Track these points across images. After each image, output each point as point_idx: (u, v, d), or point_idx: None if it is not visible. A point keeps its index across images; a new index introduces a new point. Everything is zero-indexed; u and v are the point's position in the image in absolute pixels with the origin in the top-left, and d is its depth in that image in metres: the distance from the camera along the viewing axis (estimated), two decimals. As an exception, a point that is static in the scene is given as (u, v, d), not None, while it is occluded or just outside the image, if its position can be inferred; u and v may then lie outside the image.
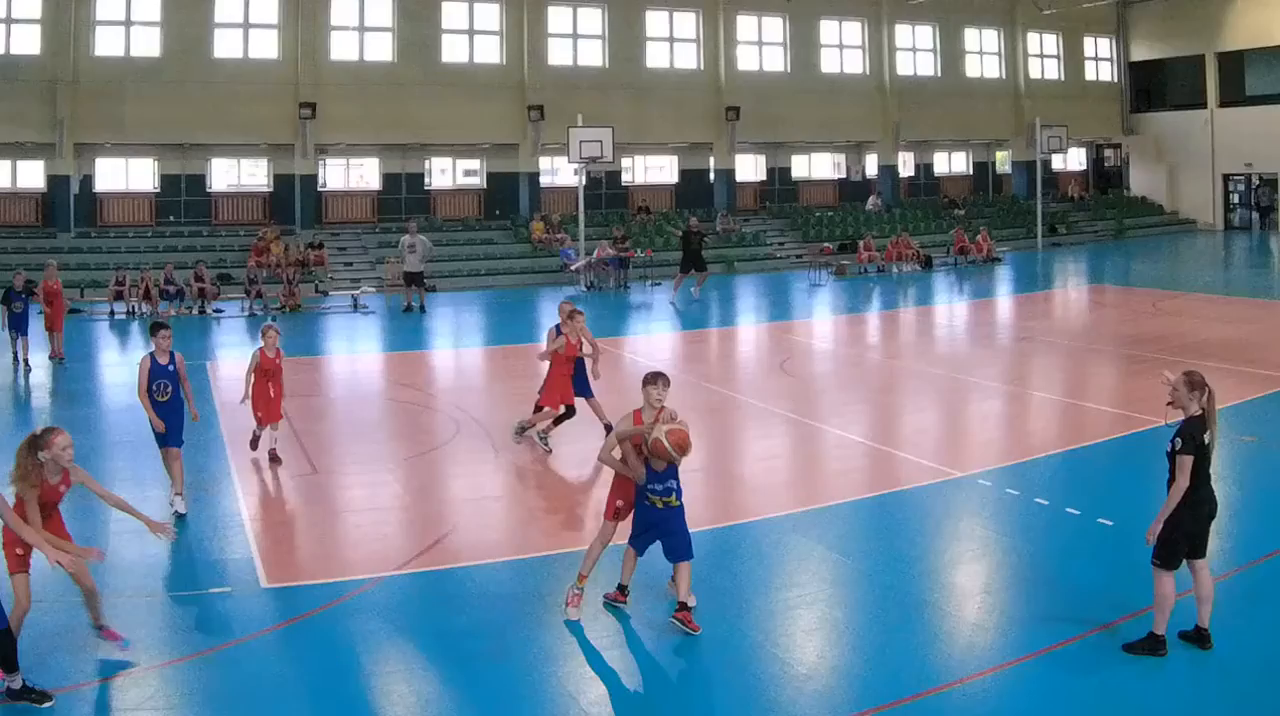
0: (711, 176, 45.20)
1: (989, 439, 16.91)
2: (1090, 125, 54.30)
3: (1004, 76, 51.96)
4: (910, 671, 8.85)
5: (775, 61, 45.69)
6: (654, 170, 46.04)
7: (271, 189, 38.16)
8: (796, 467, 15.56)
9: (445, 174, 41.66)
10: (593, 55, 41.80)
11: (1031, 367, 22.93)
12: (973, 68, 51.27)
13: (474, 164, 41.81)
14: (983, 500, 13.43)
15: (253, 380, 14.41)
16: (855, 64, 47.68)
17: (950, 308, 32.42)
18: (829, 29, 46.90)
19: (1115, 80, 56.66)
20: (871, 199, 47.76)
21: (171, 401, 12.65)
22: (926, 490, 13.82)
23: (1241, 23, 51.37)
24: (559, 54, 41.09)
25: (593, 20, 41.67)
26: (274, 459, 14.37)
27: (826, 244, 41.95)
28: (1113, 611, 9.68)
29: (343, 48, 37.44)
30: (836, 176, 50.36)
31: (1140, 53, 57.02)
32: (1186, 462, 8.39)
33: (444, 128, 38.56)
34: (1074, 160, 57.19)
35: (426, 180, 41.10)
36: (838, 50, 47.28)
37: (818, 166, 49.85)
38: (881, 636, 9.57)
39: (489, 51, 39.92)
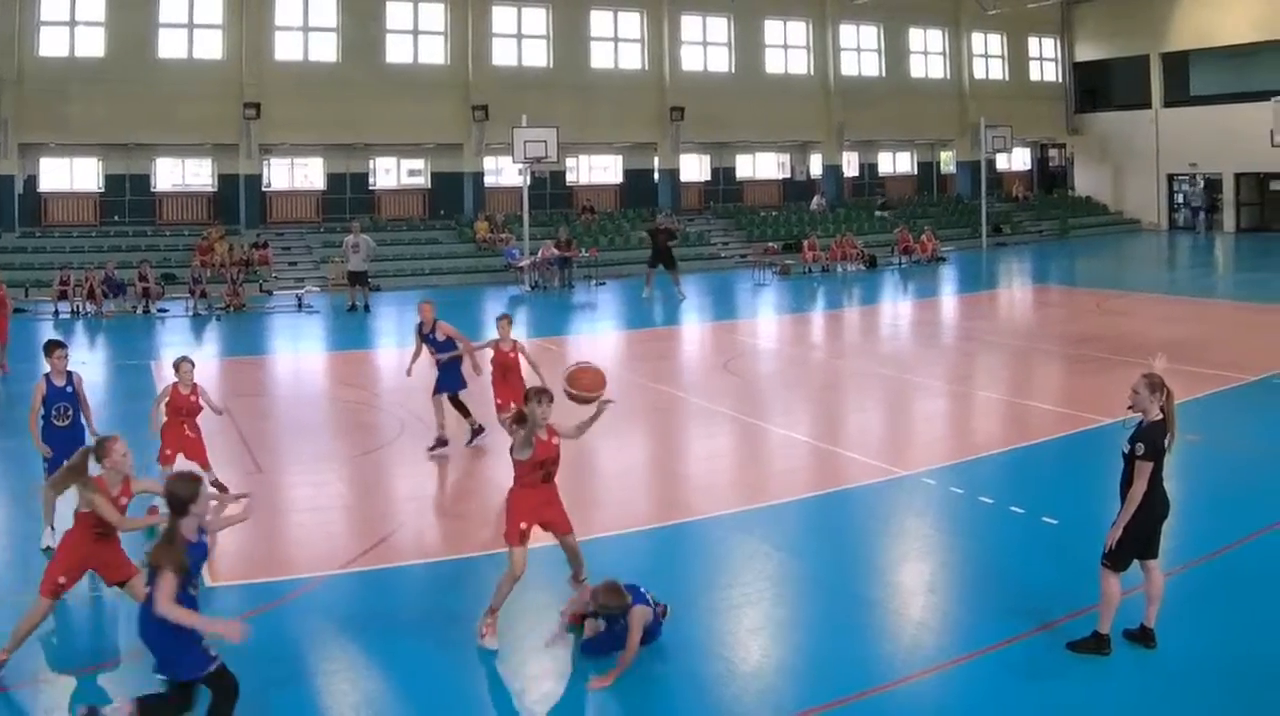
0: (656, 176, 47.40)
1: (933, 438, 17.65)
2: (1035, 125, 57.12)
3: (948, 76, 54.73)
4: (855, 670, 9.26)
5: (720, 61, 48.07)
6: (598, 170, 48.25)
7: (216, 189, 39.96)
8: (741, 466, 16.21)
9: (390, 174, 43.63)
10: (537, 55, 43.89)
11: (976, 367, 23.96)
12: (917, 68, 54.00)
13: (418, 164, 43.77)
14: (927, 499, 14.04)
15: (163, 419, 13.09)
16: (799, 64, 50.18)
17: (894, 307, 33.96)
18: (773, 29, 49.34)
19: (1060, 80, 59.66)
20: (815, 199, 50.19)
21: (72, 426, 11.90)
22: (871, 489, 14.33)
23: (1186, 23, 54.00)
24: (503, 54, 43.15)
25: (537, 20, 43.75)
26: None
27: (771, 244, 43.88)
28: (1057, 610, 10.15)
29: (287, 48, 39.22)
30: (781, 176, 52.89)
31: (1085, 53, 59.82)
32: (1146, 468, 8.60)
33: (388, 127, 40.38)
34: (1019, 160, 60.06)
35: (371, 180, 43.06)
36: (782, 50, 49.72)
37: (762, 166, 52.37)
38: (826, 635, 9.98)
39: (433, 52, 41.86)
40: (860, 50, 52.00)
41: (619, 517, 13.44)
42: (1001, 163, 57.09)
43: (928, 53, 54.39)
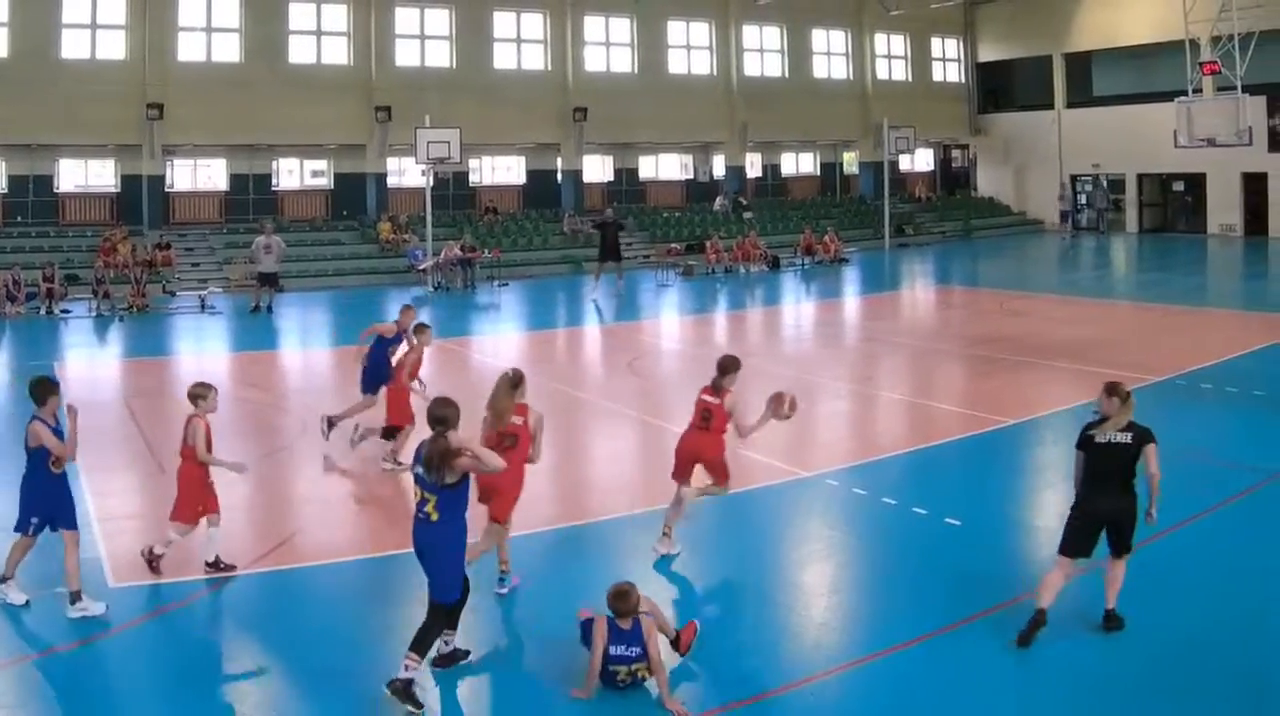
0: (559, 177, 50.49)
1: (836, 438, 18.56)
2: (938, 126, 61.29)
3: (851, 77, 58.74)
4: (756, 670, 9.90)
5: (623, 62, 51.41)
6: (501, 171, 51.32)
7: (119, 189, 42.23)
8: (644, 467, 16.93)
9: (293, 174, 46.30)
10: (440, 56, 46.69)
11: (879, 368, 25.31)
12: (820, 69, 57.91)
13: (321, 165, 46.40)
14: (830, 500, 14.81)
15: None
16: (703, 65, 53.74)
17: (797, 308, 36.05)
18: (676, 30, 52.80)
19: (963, 81, 64.02)
20: (719, 199, 53.61)
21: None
22: (774, 490, 14.95)
23: (1088, 24, 58.07)
24: (406, 55, 45.84)
25: (440, 21, 46.58)
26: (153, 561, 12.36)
27: (674, 244, 46.69)
28: (959, 611, 10.83)
29: (190, 48, 41.56)
30: (684, 177, 56.47)
31: (987, 54, 64.05)
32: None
33: (291, 128, 42.83)
34: (921, 161, 64.10)
35: (274, 181, 45.64)
36: (685, 51, 53.20)
37: (665, 167, 55.87)
38: (729, 635, 10.56)
39: (336, 52, 44.45)
40: (763, 51, 55.63)
41: (522, 519, 13.50)
42: (904, 163, 60.71)
43: (830, 53, 58.22)
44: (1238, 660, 9.74)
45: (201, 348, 29.44)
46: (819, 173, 60.94)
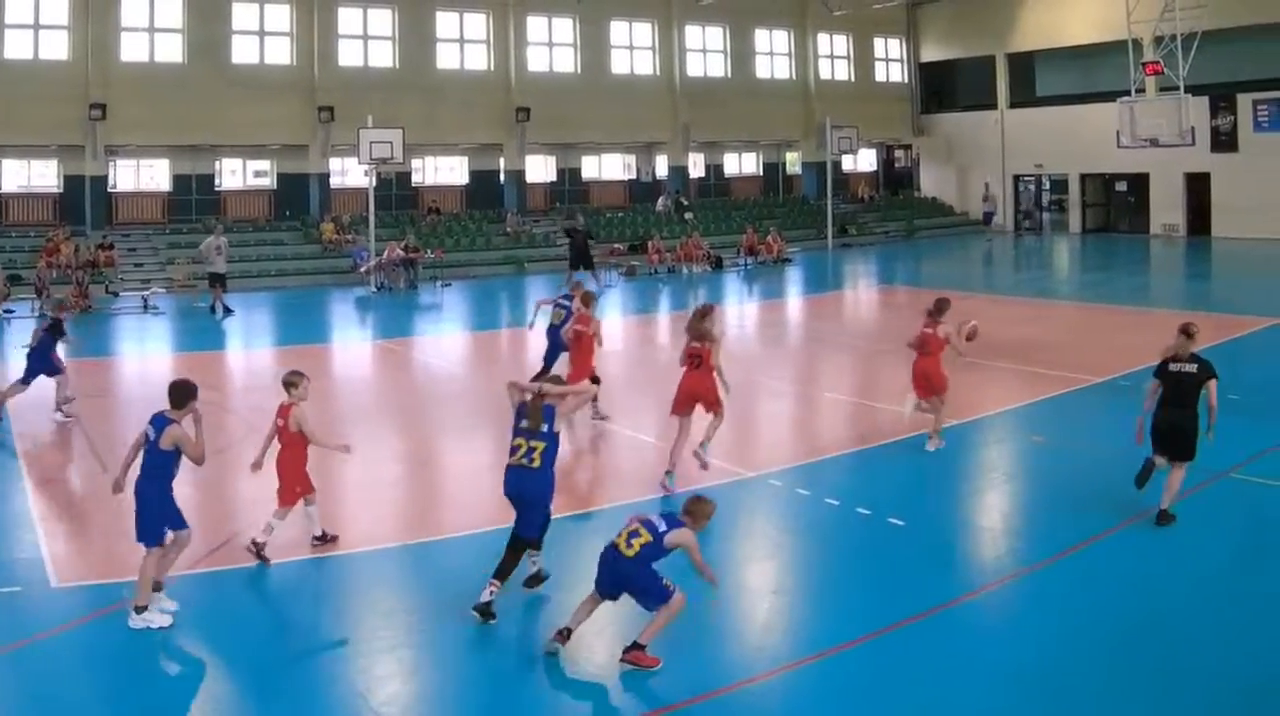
0: (502, 177, 52.39)
1: (779, 439, 19.13)
2: (881, 126, 63.40)
3: (794, 77, 61.05)
4: (700, 671, 10.16)
5: (565, 62, 53.29)
6: (444, 171, 53.20)
7: (62, 190, 43.62)
8: (587, 467, 17.54)
9: (235, 175, 47.95)
10: (383, 56, 48.32)
11: (822, 368, 26.02)
12: (763, 69, 60.12)
13: (264, 165, 48.04)
14: (773, 500, 15.16)
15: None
16: (645, 65, 55.81)
17: (740, 308, 36.97)
18: (619, 30, 54.84)
19: (906, 81, 66.38)
20: (662, 199, 55.54)
21: None
22: (717, 490, 14.47)
23: (1031, 24, 60.22)
24: (349, 55, 47.44)
25: (383, 21, 48.22)
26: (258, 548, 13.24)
27: (617, 244, 48.37)
28: (903, 611, 11.16)
29: (133, 49, 42.96)
30: (627, 177, 58.57)
31: (930, 54, 66.37)
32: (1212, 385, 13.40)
33: (234, 129, 44.30)
34: (864, 161, 66.36)
35: (217, 181, 47.25)
36: (628, 51, 55.24)
37: (608, 167, 57.92)
38: (671, 636, 10.57)
39: (279, 52, 45.96)
40: (706, 51, 57.73)
41: (468, 518, 14.70)
42: (847, 163, 62.84)
43: (773, 54, 60.50)
44: (1177, 656, 10.25)
45: (144, 348, 30.32)
46: (762, 173, 63.13)
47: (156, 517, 11.24)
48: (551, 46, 52.58)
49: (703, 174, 60.15)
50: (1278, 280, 39.85)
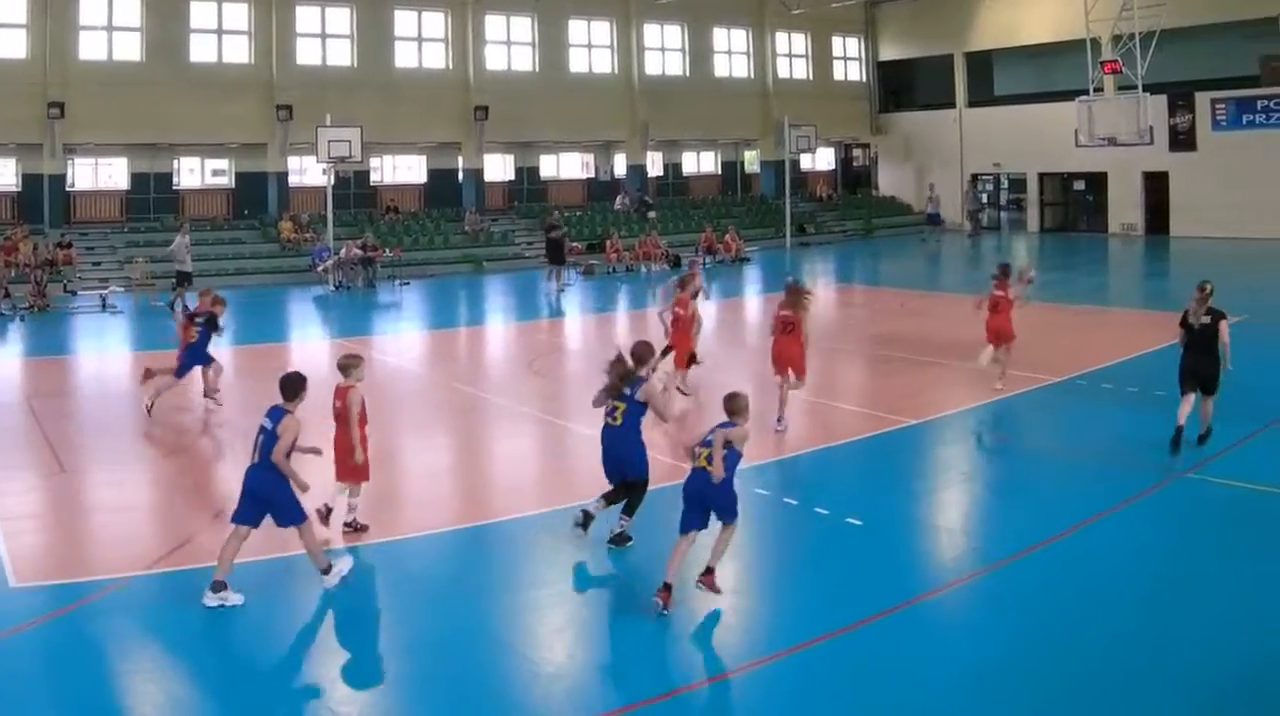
0: (460, 176, 53.43)
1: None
2: (839, 125, 65.09)
3: (752, 76, 62.52)
4: (659, 670, 10.45)
5: (524, 61, 54.57)
6: (403, 170, 54.25)
7: (20, 189, 44.40)
8: (546, 467, 17.85)
9: (194, 173, 48.77)
10: (341, 55, 49.38)
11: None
12: (721, 67, 61.62)
13: (222, 163, 48.88)
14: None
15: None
16: (604, 63, 57.22)
17: (698, 307, 37.65)
18: (577, 28, 56.14)
19: (864, 80, 67.95)
20: (620, 198, 56.87)
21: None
22: (676, 490, 14.51)
23: (989, 23, 61.78)
24: (307, 53, 48.44)
25: (341, 20, 49.29)
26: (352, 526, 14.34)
27: (575, 243, 49.11)
28: (861, 610, 11.37)
29: (91, 47, 43.76)
30: (585, 176, 59.73)
31: (888, 52, 67.95)
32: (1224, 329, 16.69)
33: (193, 127, 45.19)
34: (823, 160, 67.99)
35: (175, 180, 48.06)
36: (586, 50, 56.56)
37: (566, 166, 59.13)
38: (631, 635, 11.06)
39: (238, 51, 46.88)
40: (664, 50, 59.20)
41: (425, 518, 15.05)
42: (805, 162, 64.48)
43: (731, 52, 61.97)
44: (1138, 654, 10.49)
45: (103, 347, 30.83)
46: (720, 171, 64.59)
47: (291, 498, 11.97)
48: (510, 45, 53.69)
49: (661, 173, 61.42)
50: (1236, 279, 38.81)
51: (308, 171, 48.89)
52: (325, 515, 13.74)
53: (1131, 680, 9.96)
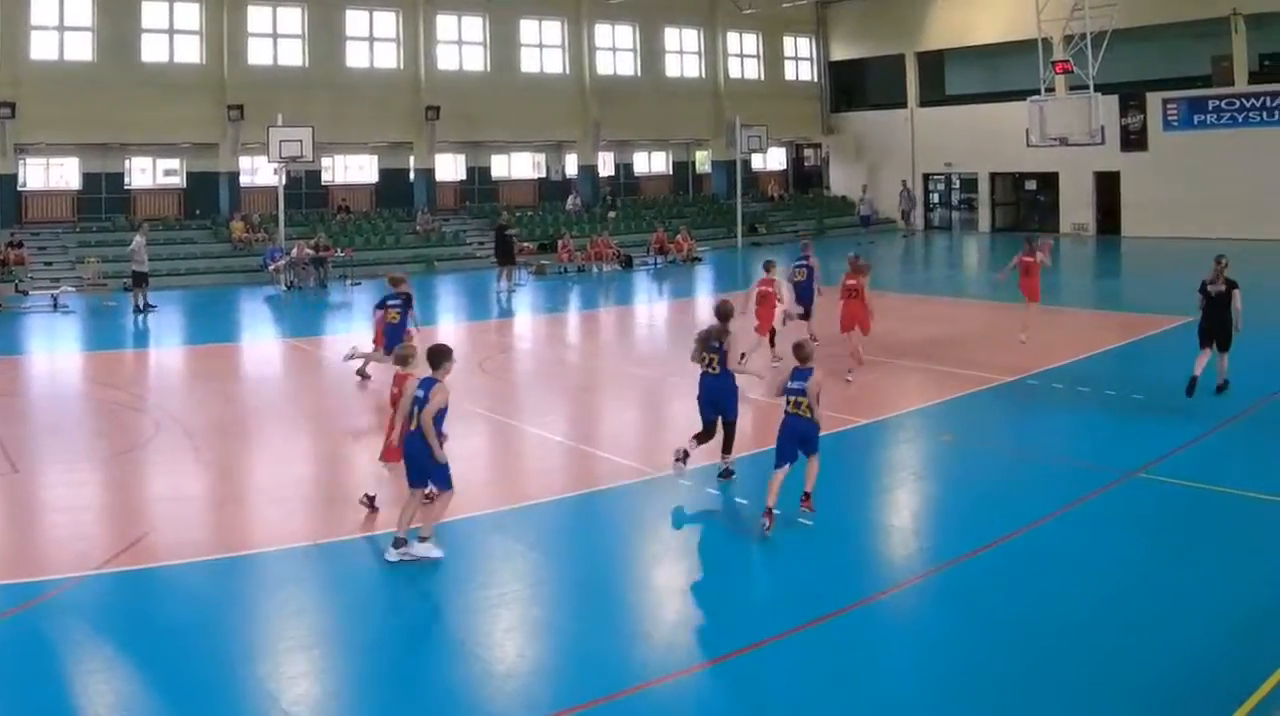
0: (412, 176, 54.67)
1: (682, 437, 18.55)
2: (790, 125, 66.87)
3: (704, 76, 64.09)
4: (611, 669, 10.49)
5: (475, 61, 55.89)
6: (354, 169, 55.41)
7: (-29, 189, 45.49)
8: (497, 467, 18.03)
9: (145, 173, 49.75)
10: (293, 55, 50.47)
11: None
12: (673, 67, 63.18)
13: (174, 163, 49.87)
14: (683, 499, 15.54)
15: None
16: (555, 63, 58.58)
17: (650, 307, 38.73)
18: (529, 28, 57.45)
19: (815, 80, 69.63)
20: (571, 199, 58.18)
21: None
22: (627, 489, 15.67)
23: (941, 23, 63.36)
24: (259, 53, 49.48)
25: (292, 19, 50.42)
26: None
27: (527, 243, 50.42)
28: (813, 610, 11.55)
29: (42, 47, 44.62)
30: (537, 176, 61.04)
31: (840, 52, 69.55)
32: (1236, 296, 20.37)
33: (144, 127, 46.10)
34: (774, 160, 69.85)
35: (127, 179, 49.00)
36: (538, 49, 57.86)
37: (518, 166, 60.44)
38: (582, 635, 11.22)
39: (189, 51, 47.86)
40: (615, 50, 60.68)
41: (376, 518, 14.99)
42: (757, 162, 66.25)
43: (683, 52, 63.57)
44: (1089, 653, 10.62)
45: (55, 347, 31.24)
46: (671, 172, 66.12)
47: (442, 465, 13.24)
48: (461, 45, 54.93)
49: (612, 173, 62.74)
50: (1186, 279, 38.69)
51: (259, 171, 49.85)
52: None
53: (1082, 679, 10.15)
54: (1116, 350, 27.26)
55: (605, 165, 61.67)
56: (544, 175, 60.81)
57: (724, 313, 16.57)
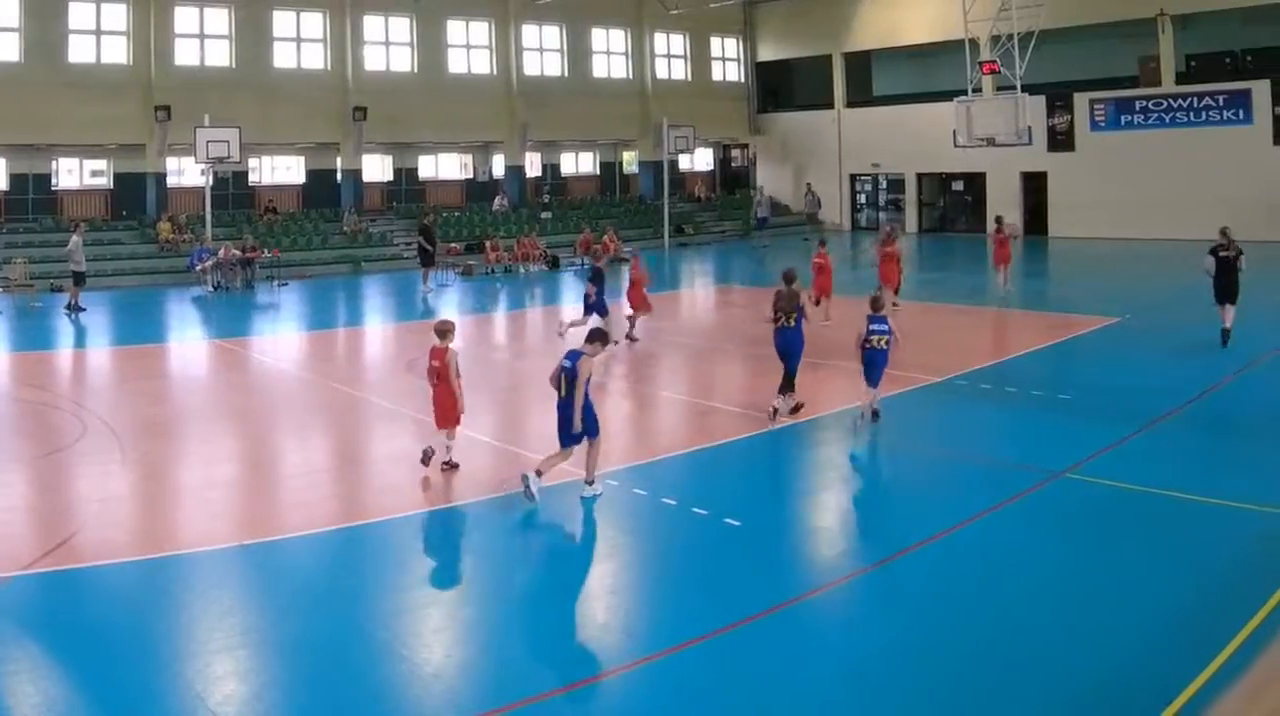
0: (339, 176, 56.23)
1: (617, 439, 19.18)
2: (718, 125, 68.81)
3: (631, 77, 66.13)
4: (537, 670, 10.77)
5: (402, 62, 57.38)
6: (281, 170, 57.02)
7: (-100, 190, 46.69)
8: (422, 467, 17.59)
9: (73, 174, 51.04)
10: (220, 55, 51.78)
11: (658, 367, 27.17)
12: (600, 68, 65.08)
13: (101, 164, 51.18)
14: (610, 500, 15.72)
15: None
16: (482, 64, 60.24)
17: (576, 307, 35.59)
18: (456, 29, 59.14)
19: (742, 80, 71.69)
20: (498, 199, 60.00)
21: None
22: (553, 490, 15.64)
23: (868, 23, 65.39)
24: (186, 54, 50.74)
25: (219, 20, 51.72)
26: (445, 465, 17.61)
27: (454, 244, 52.02)
28: (740, 611, 11.79)
29: (-32, 48, 46.36)
30: (464, 177, 62.96)
31: (767, 53, 71.58)
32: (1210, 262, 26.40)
33: (71, 128, 47.14)
34: (701, 160, 71.79)
35: (54, 180, 50.31)
36: (465, 50, 59.49)
37: (445, 167, 62.28)
38: (509, 635, 11.42)
39: (116, 52, 49.03)
40: (543, 50, 62.48)
41: (302, 519, 15.36)
42: (684, 163, 68.02)
43: (610, 53, 65.57)
44: (1016, 652, 10.93)
45: None
46: (599, 172, 68.22)
47: (591, 419, 15.69)
48: (388, 45, 56.39)
49: (540, 173, 64.54)
50: (1113, 280, 42.53)
51: (186, 172, 51.04)
52: (427, 457, 17.01)
53: (1007, 680, 10.40)
54: (1043, 351, 27.75)
55: (532, 166, 63.37)
56: (471, 176, 62.50)
57: (790, 278, 21.05)
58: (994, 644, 11.13)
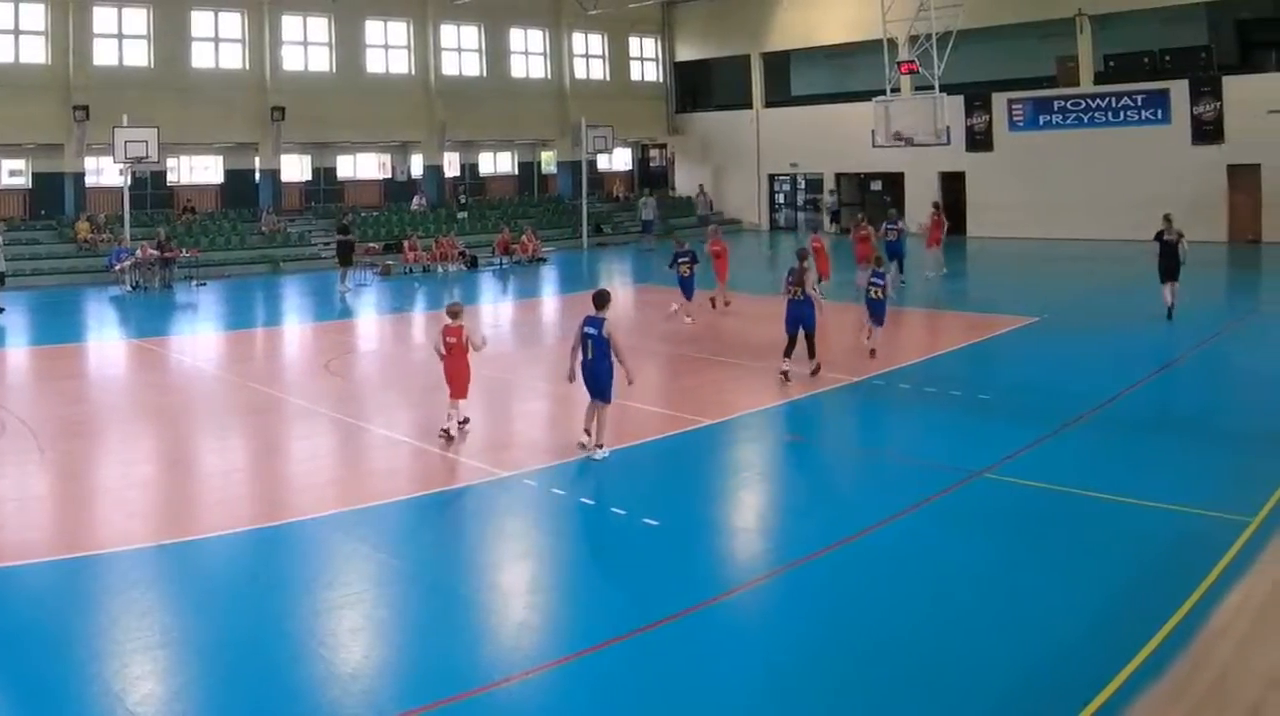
0: (257, 176, 57.92)
1: (534, 438, 20.21)
2: (636, 125, 71.01)
3: (549, 77, 68.17)
4: (456, 670, 10.91)
5: (321, 62, 59.18)
6: (200, 170, 58.63)
7: None
8: (341, 467, 18.48)
9: (-10, 174, 53.10)
10: (138, 55, 53.23)
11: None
12: (518, 68, 67.11)
13: (19, 164, 52.55)
14: (528, 500, 16.10)
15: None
16: (401, 64, 62.05)
17: (494, 308, 40.35)
18: (374, 29, 60.93)
19: (661, 80, 73.92)
20: (416, 199, 61.93)
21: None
22: (472, 490, 16.14)
23: (786, 23, 67.33)
24: (104, 54, 52.16)
25: (138, 20, 53.23)
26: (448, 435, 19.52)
27: (372, 244, 53.09)
28: (658, 611, 12.05)
29: (-112, 49, 47.92)
30: (382, 176, 64.74)
31: (685, 53, 73.69)
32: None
33: (-12, 128, 49.67)
34: (620, 160, 74.06)
35: (-29, 180, 52.29)
36: (383, 50, 61.29)
37: (363, 166, 64.12)
38: (427, 635, 11.64)
39: (34, 51, 50.37)
40: (461, 50, 64.50)
41: (220, 518, 15.51)
42: (603, 163, 70.01)
43: (528, 53, 67.60)
44: (933, 652, 11.12)
45: None
46: (517, 172, 70.21)
47: (608, 384, 18.03)
48: (307, 45, 58.06)
49: (458, 173, 66.35)
50: (1031, 280, 43.53)
51: (105, 172, 52.20)
52: (448, 433, 19.16)
53: (927, 679, 10.58)
54: (961, 350, 28.45)
55: (451, 166, 65.22)
56: (390, 176, 64.26)
57: (803, 255, 25.25)
58: (913, 643, 11.41)
